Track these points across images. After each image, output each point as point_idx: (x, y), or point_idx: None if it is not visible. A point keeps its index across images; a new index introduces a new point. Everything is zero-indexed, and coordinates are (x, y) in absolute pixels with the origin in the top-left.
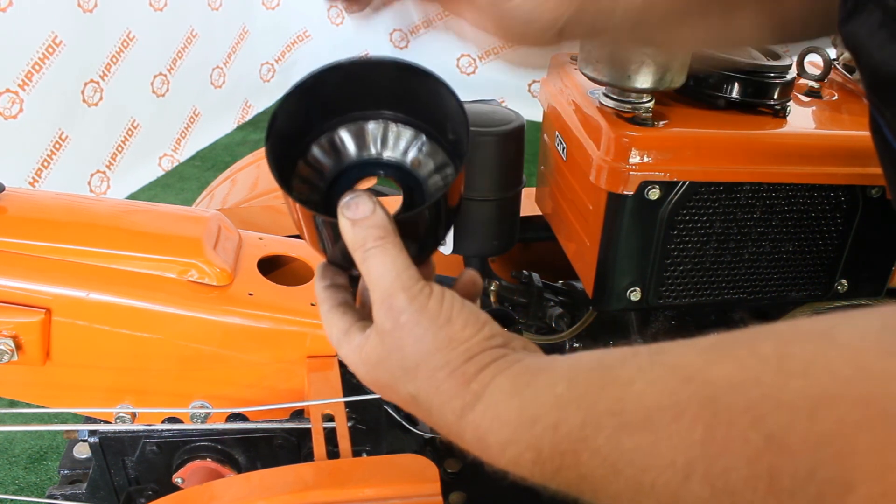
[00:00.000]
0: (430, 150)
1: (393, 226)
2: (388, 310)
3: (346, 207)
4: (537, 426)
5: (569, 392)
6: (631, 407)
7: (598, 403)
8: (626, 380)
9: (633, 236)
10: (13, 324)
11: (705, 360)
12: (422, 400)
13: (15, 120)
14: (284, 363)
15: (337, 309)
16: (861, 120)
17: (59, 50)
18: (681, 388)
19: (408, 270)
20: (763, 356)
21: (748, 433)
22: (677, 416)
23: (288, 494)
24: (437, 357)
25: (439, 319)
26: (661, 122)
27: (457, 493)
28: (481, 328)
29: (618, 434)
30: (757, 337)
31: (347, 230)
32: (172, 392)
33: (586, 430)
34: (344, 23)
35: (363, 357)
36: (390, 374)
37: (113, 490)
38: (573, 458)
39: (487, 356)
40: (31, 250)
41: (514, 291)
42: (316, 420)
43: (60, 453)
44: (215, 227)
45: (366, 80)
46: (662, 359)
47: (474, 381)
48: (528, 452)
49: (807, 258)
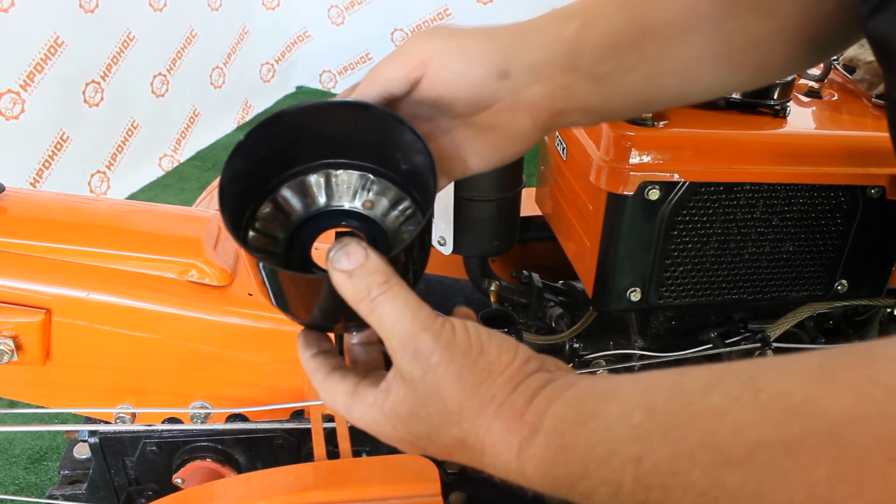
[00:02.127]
0: (381, 188)
1: (392, 267)
2: (413, 355)
3: (337, 260)
4: (615, 460)
5: (648, 422)
6: (728, 441)
7: (689, 436)
8: (717, 410)
9: (633, 236)
10: (13, 324)
11: (812, 388)
12: (471, 442)
13: (16, 120)
14: (284, 363)
15: (334, 374)
16: (861, 120)
17: (60, 50)
18: (788, 421)
19: (423, 309)
20: (886, 385)
21: (888, 470)
22: (790, 451)
23: (288, 494)
24: (481, 393)
25: (472, 352)
26: (661, 122)
27: (457, 493)
28: (517, 353)
29: (717, 469)
30: (869, 361)
31: (345, 284)
32: (172, 392)
33: (677, 464)
34: (344, 23)
35: (387, 413)
36: (428, 423)
37: (113, 490)
38: (662, 493)
39: (533, 382)
40: (32, 250)
41: (514, 291)
42: (316, 420)
43: (60, 453)
44: (215, 227)
45: (301, 128)
46: (757, 385)
47: (527, 413)
48: (605, 487)
49: (807, 258)
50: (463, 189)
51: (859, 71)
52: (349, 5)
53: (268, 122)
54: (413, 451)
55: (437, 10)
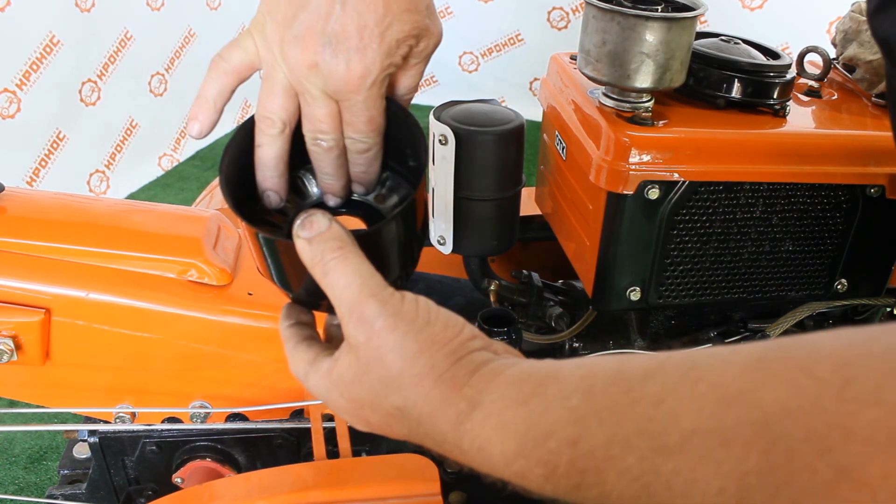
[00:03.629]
0: (393, 184)
1: (351, 237)
2: (359, 321)
3: (301, 227)
4: (551, 441)
5: (586, 406)
6: (664, 428)
7: (626, 422)
8: (655, 398)
9: (633, 236)
10: (13, 324)
11: (749, 380)
12: (409, 411)
13: (13, 119)
14: (284, 363)
15: (301, 344)
16: (861, 119)
17: (56, 49)
18: (723, 411)
19: (374, 277)
20: (822, 379)
21: (815, 464)
22: (724, 441)
23: (288, 494)
24: (421, 361)
25: (417, 322)
26: (661, 122)
27: (457, 492)
28: (462, 329)
29: (652, 456)
30: (809, 355)
31: (305, 249)
32: (172, 392)
33: (612, 449)
34: None
35: (334, 379)
36: (369, 388)
37: (113, 490)
38: (596, 476)
39: (476, 358)
40: (31, 250)
41: (514, 291)
42: (315, 420)
43: (60, 453)
44: (215, 226)
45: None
46: (696, 375)
47: (467, 387)
48: (540, 468)
49: (806, 258)
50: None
51: (859, 70)
52: None
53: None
54: (358, 422)
55: (438, 9)
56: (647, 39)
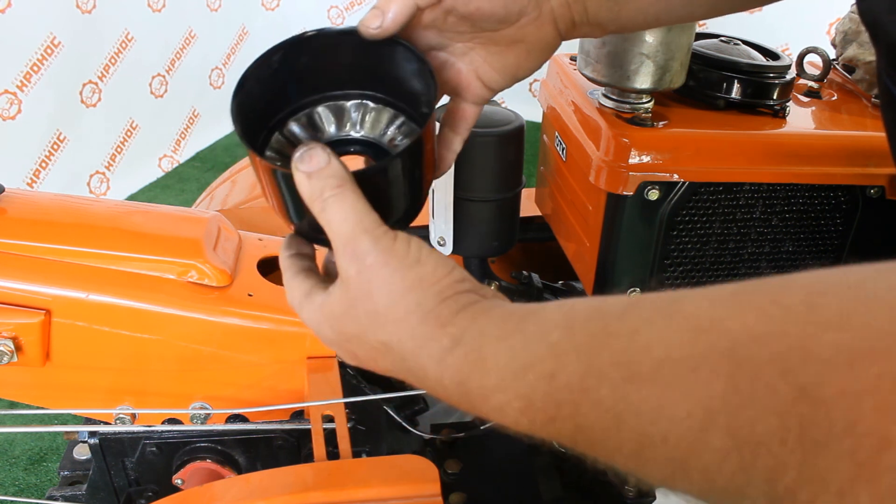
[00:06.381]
0: (408, 129)
1: (350, 175)
2: (351, 255)
3: (301, 160)
4: (529, 374)
5: (565, 341)
6: (638, 358)
7: (601, 354)
8: (630, 330)
9: (633, 237)
10: (13, 325)
11: (721, 310)
12: (394, 346)
13: (13, 121)
14: (284, 364)
15: (299, 275)
16: (861, 120)
17: (57, 51)
18: (694, 339)
19: (370, 215)
20: (788, 307)
21: (777, 385)
22: (693, 368)
23: (288, 495)
24: (409, 298)
25: (407, 259)
26: (661, 123)
27: (457, 493)
28: (451, 270)
29: (624, 386)
30: (780, 287)
31: (304, 183)
32: (172, 393)
33: (587, 381)
34: (344, 23)
35: (326, 312)
36: (357, 322)
37: (113, 491)
38: (571, 408)
39: (462, 299)
40: (31, 251)
41: (514, 292)
42: (316, 421)
43: (60, 454)
44: (215, 228)
45: (337, 53)
46: (670, 308)
47: (450, 325)
48: (517, 401)
49: (806, 258)
50: (463, 189)
51: (859, 71)
52: (349, 5)
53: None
54: (345, 355)
55: None
56: (646, 40)
